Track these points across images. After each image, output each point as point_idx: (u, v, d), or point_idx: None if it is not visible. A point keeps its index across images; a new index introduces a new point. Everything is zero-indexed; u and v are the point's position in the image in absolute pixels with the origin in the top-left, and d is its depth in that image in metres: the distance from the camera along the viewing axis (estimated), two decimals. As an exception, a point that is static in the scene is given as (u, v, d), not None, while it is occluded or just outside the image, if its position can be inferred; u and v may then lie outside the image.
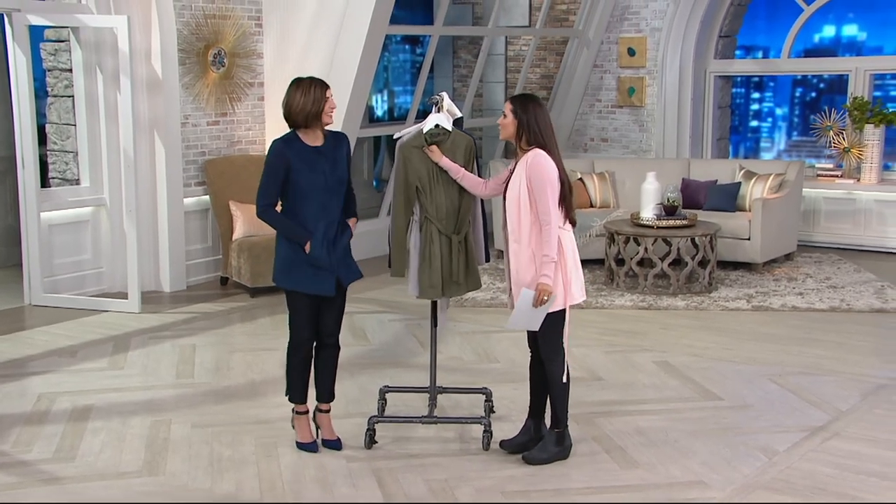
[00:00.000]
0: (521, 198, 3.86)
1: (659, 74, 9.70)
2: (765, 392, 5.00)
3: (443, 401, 4.77)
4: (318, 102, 3.95)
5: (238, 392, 5.02)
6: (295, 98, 3.97)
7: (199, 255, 7.60)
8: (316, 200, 3.99)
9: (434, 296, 4.19)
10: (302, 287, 4.03)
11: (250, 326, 6.36)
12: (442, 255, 4.15)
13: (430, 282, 4.17)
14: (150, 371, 5.37)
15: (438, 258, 4.14)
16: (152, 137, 7.15)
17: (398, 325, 6.39)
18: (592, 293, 7.18)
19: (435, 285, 4.17)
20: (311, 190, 3.98)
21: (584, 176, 8.50)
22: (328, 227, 4.03)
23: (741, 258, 7.89)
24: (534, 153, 3.84)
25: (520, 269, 3.90)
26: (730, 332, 6.18)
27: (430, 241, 4.14)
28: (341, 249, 4.09)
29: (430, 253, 4.14)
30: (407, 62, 12.47)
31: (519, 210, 3.87)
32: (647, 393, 5.02)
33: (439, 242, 4.15)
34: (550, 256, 3.81)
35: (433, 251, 4.14)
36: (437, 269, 4.15)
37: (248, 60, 7.81)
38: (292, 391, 4.21)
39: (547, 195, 3.78)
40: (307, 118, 3.97)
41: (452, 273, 4.16)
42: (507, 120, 3.92)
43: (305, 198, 3.99)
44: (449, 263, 4.15)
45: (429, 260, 4.15)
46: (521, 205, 3.86)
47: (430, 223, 4.15)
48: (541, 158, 3.81)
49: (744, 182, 8.26)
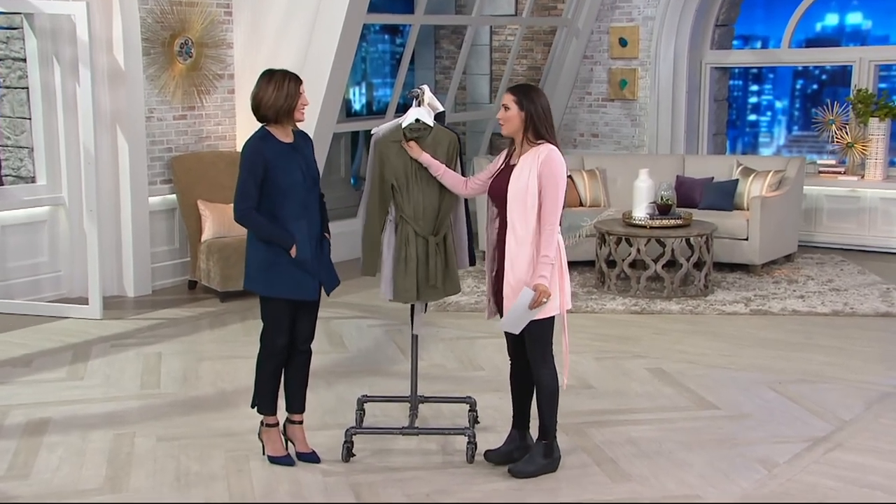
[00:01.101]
0: (528, 195, 3.82)
1: (652, 66, 9.75)
2: (764, 401, 5.04)
3: (424, 411, 4.78)
4: (290, 98, 3.96)
5: (207, 403, 5.01)
6: (267, 92, 3.97)
7: (165, 257, 7.57)
8: (297, 198, 4.01)
9: (409, 300, 4.20)
10: (284, 293, 4.03)
11: (220, 333, 6.34)
12: (418, 258, 4.15)
13: (404, 285, 4.18)
14: (112, 381, 5.35)
15: (414, 261, 4.15)
16: (114, 132, 7.12)
17: (377, 331, 6.39)
18: (582, 297, 7.21)
19: (409, 289, 4.17)
20: (291, 187, 3.99)
21: (573, 173, 8.53)
22: (311, 227, 4.04)
23: (739, 259, 7.94)
24: (547, 148, 3.84)
25: (516, 269, 3.88)
26: (727, 338, 6.22)
27: (405, 242, 4.15)
28: (324, 254, 4.11)
29: (405, 255, 4.15)
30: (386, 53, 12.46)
31: (525, 208, 3.83)
32: (639, 402, 5.04)
33: (415, 244, 4.15)
34: (550, 258, 3.81)
35: (409, 253, 4.15)
36: (413, 272, 4.16)
37: (217, 51, 7.78)
38: (262, 401, 4.20)
39: (558, 195, 3.79)
40: (278, 114, 3.98)
41: (429, 276, 4.16)
42: (512, 113, 3.86)
43: (286, 196, 3.99)
44: (426, 266, 4.16)
45: (404, 262, 4.15)
46: (527, 203, 3.82)
47: (405, 223, 4.15)
48: (556, 155, 3.83)
49: (741, 179, 8.32)
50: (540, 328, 3.94)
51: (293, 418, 4.27)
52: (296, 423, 4.27)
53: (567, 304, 3.97)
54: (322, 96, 7.51)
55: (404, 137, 4.15)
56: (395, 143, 4.15)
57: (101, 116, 6.98)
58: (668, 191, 7.47)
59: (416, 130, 4.16)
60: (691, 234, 7.25)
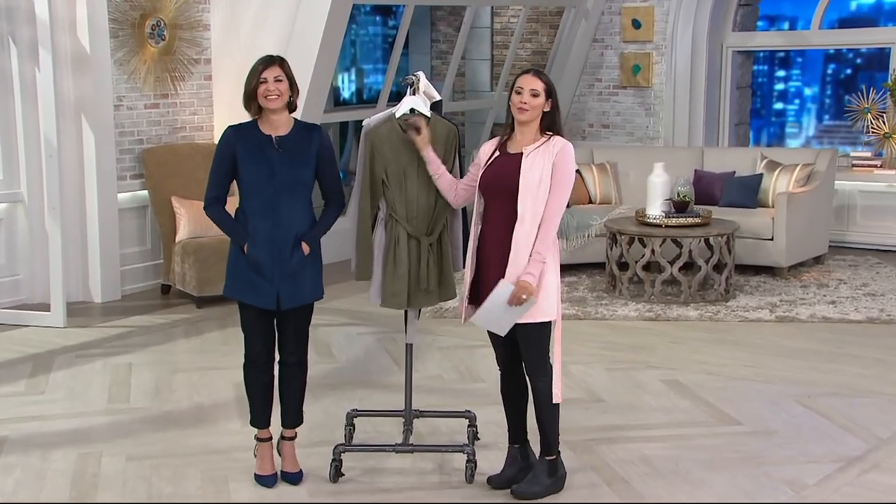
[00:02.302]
0: (541, 188, 3.84)
1: (668, 50, 9.78)
2: (791, 416, 5.06)
3: (419, 426, 4.80)
4: (249, 85, 4.00)
5: (182, 418, 5.02)
6: None
7: (135, 259, 7.59)
8: (260, 197, 4.02)
9: (398, 305, 4.22)
10: (241, 296, 4.10)
11: (196, 342, 6.36)
12: (410, 260, 4.17)
13: (393, 289, 4.20)
14: (76, 395, 5.36)
15: (405, 263, 4.17)
16: (79, 122, 7.13)
17: (368, 340, 6.40)
18: (592, 302, 7.23)
19: (399, 293, 4.19)
20: (253, 183, 4.02)
21: (581, 167, 8.55)
22: (277, 229, 4.03)
23: (763, 261, 7.97)
24: (562, 141, 3.90)
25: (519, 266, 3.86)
26: (750, 347, 6.25)
27: (395, 242, 4.17)
28: (295, 262, 4.07)
29: (395, 256, 4.17)
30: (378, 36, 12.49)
31: (535, 201, 3.84)
32: (654, 416, 5.06)
33: (407, 245, 4.16)
34: (543, 256, 3.85)
35: (399, 255, 4.16)
36: (403, 275, 4.17)
37: (192, 33, 7.80)
38: (252, 414, 4.26)
39: (566, 193, 3.85)
40: (246, 103, 4.03)
41: (420, 280, 4.18)
42: (540, 99, 3.90)
43: (249, 193, 4.05)
44: (417, 269, 4.17)
45: (393, 264, 4.17)
46: (539, 196, 3.84)
47: (396, 223, 4.17)
48: (570, 150, 3.90)
49: (766, 174, 8.35)
50: (537, 333, 3.97)
51: (284, 434, 4.31)
52: (286, 438, 4.30)
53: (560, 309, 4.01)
54: (308, 83, 7.53)
55: (400, 128, 4.16)
56: (388, 135, 4.17)
57: (64, 105, 6.99)
58: (686, 186, 7.50)
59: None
60: (711, 233, 7.27)
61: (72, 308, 6.93)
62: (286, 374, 4.25)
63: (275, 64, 4.02)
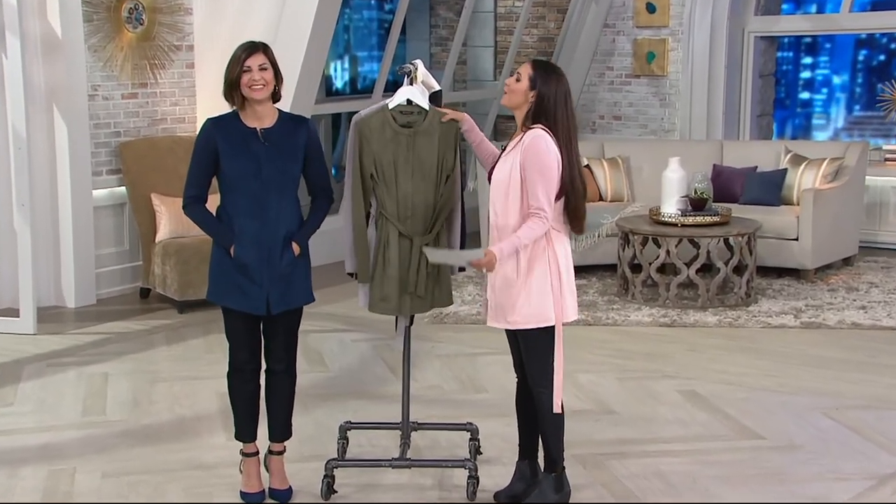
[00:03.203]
0: (510, 185, 3.92)
1: (685, 35, 9.79)
2: (818, 430, 5.06)
3: (418, 439, 4.81)
4: (231, 73, 4.00)
5: (162, 432, 5.03)
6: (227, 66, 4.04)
7: (112, 260, 7.60)
8: (245, 194, 4.03)
9: (388, 311, 4.23)
10: (227, 301, 4.09)
11: (178, 349, 6.37)
12: (400, 262, 4.18)
13: (381, 293, 4.21)
14: (48, 407, 5.36)
15: (395, 265, 4.17)
16: (50, 113, 7.14)
17: (363, 347, 6.41)
18: (603, 306, 7.24)
19: (387, 297, 4.20)
20: (238, 180, 4.02)
21: (591, 162, 8.57)
22: (265, 230, 4.04)
23: (787, 263, 7.98)
24: (534, 133, 3.89)
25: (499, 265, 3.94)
26: (773, 355, 6.26)
27: (385, 242, 4.18)
28: (285, 263, 4.09)
29: (384, 258, 4.18)
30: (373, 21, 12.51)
31: (507, 199, 3.92)
32: (669, 429, 5.07)
33: (398, 246, 4.17)
34: (522, 242, 3.86)
35: (388, 256, 4.17)
36: (393, 278, 4.18)
37: (172, 17, 7.82)
38: (236, 426, 4.27)
39: (541, 182, 3.84)
40: (227, 92, 4.03)
41: (410, 283, 4.18)
42: (521, 85, 3.93)
43: (233, 190, 4.05)
44: (407, 272, 4.18)
45: (382, 266, 4.18)
46: (509, 193, 3.92)
47: (386, 221, 4.18)
48: (540, 142, 3.87)
49: (791, 169, 8.36)
50: (535, 340, 3.99)
51: (272, 448, 4.32)
52: (274, 453, 4.31)
53: (568, 314, 4.00)
54: (298, 72, 7.54)
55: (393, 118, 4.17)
56: (380, 127, 4.16)
57: (34, 94, 7.00)
58: (704, 183, 7.51)
59: (407, 114, 4.18)
60: (730, 233, 7.28)
61: (43, 313, 6.94)
62: (274, 384, 4.26)
63: (259, 51, 4.02)
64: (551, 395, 4.02)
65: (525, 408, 4.20)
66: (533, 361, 4.02)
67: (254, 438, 4.27)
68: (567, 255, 4.01)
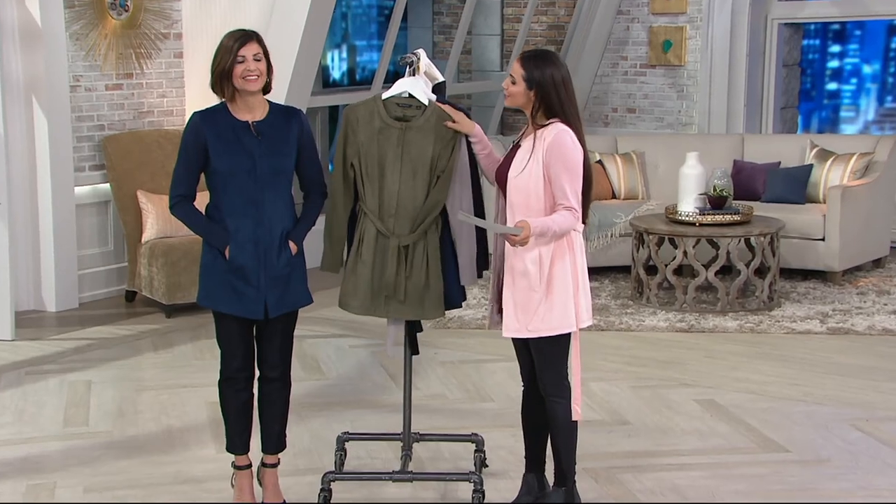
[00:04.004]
0: (531, 185, 3.93)
1: (704, 22, 9.80)
2: (846, 442, 5.07)
3: (420, 451, 4.82)
4: (224, 62, 3.99)
5: (149, 443, 5.05)
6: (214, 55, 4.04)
7: (95, 262, 7.62)
8: (239, 192, 4.04)
9: (354, 309, 4.26)
10: (221, 305, 4.10)
11: (166, 356, 6.39)
12: (374, 261, 4.19)
13: (345, 288, 4.25)
14: (27, 418, 5.38)
15: (368, 264, 4.19)
16: (30, 105, 7.16)
17: (362, 353, 6.43)
18: (616, 310, 7.25)
19: (350, 294, 4.23)
20: (231, 177, 4.03)
21: (604, 158, 8.59)
22: (259, 228, 4.06)
23: (813, 265, 7.99)
24: (555, 128, 3.93)
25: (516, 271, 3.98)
26: (797, 363, 6.27)
27: (360, 239, 4.21)
28: (282, 264, 4.11)
29: (357, 254, 4.21)
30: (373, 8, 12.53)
31: (528, 199, 3.94)
32: (687, 441, 5.08)
33: (374, 244, 4.18)
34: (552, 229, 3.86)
35: (362, 252, 4.20)
36: (363, 277, 4.19)
37: (160, 4, 7.84)
38: (228, 438, 4.28)
39: (568, 179, 3.87)
40: (216, 82, 4.02)
41: (385, 286, 4.18)
42: (518, 88, 3.98)
43: (225, 188, 4.05)
44: (381, 273, 4.19)
45: (354, 263, 4.22)
46: (531, 193, 3.94)
47: (365, 216, 4.21)
48: (566, 137, 3.91)
49: (817, 164, 8.37)
50: (550, 347, 4.01)
51: (265, 460, 4.33)
52: (268, 465, 4.32)
53: (583, 319, 4.02)
54: (293, 62, 7.56)
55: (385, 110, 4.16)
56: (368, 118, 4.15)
57: (12, 85, 7.03)
58: (723, 179, 7.52)
59: (404, 107, 4.19)
60: (752, 233, 7.29)
61: (21, 318, 6.96)
62: (268, 392, 4.27)
63: (252, 40, 4.03)
64: (565, 404, 4.04)
65: (532, 417, 4.22)
66: (548, 369, 4.04)
67: (246, 450, 4.28)
68: (583, 257, 4.05)
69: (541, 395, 4.11)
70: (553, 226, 3.87)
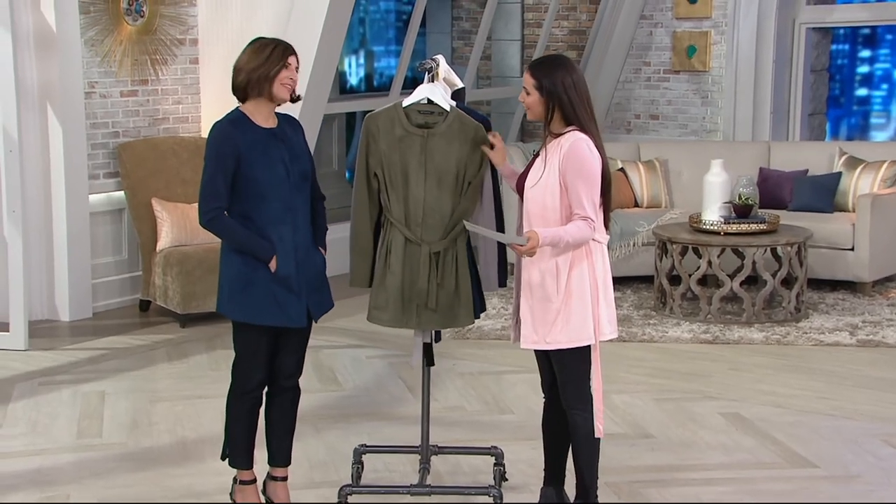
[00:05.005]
0: (548, 195, 3.94)
1: (730, 27, 9.79)
2: (877, 458, 5.04)
3: (438, 464, 4.83)
4: (269, 65, 4.01)
5: (163, 455, 5.06)
6: (243, 57, 4.05)
7: (110, 271, 7.65)
8: (278, 200, 4.07)
9: (383, 321, 4.26)
10: (261, 318, 4.08)
11: (180, 367, 6.41)
12: (403, 270, 4.20)
13: (377, 302, 4.24)
14: (40, 429, 5.40)
15: (397, 273, 4.19)
16: (44, 112, 7.21)
17: (379, 364, 6.44)
18: (638, 321, 7.24)
19: (382, 307, 4.23)
20: (271, 186, 4.04)
21: (626, 165, 8.58)
22: (297, 234, 4.10)
23: (842, 275, 7.96)
24: (571, 137, 3.93)
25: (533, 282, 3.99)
26: (826, 375, 6.24)
27: (388, 249, 4.21)
28: (314, 270, 4.16)
29: (386, 264, 4.21)
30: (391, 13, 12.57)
31: (544, 209, 3.95)
32: (712, 456, 5.07)
33: (402, 252, 4.19)
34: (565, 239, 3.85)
35: (390, 262, 4.20)
36: (393, 288, 4.20)
37: (176, 9, 7.88)
38: (234, 452, 4.27)
39: (584, 186, 3.87)
40: (249, 84, 4.02)
41: (418, 295, 4.18)
42: (532, 99, 3.98)
43: (264, 196, 4.06)
44: (412, 282, 4.19)
45: (383, 274, 4.22)
46: (546, 203, 3.95)
47: (391, 226, 4.22)
48: (582, 145, 3.91)
49: (846, 172, 8.34)
50: (571, 359, 4.01)
51: (275, 473, 4.33)
52: (278, 479, 4.33)
53: (605, 332, 4.02)
54: (310, 68, 7.58)
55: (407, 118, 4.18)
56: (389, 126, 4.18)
57: (27, 92, 7.06)
58: (749, 187, 7.50)
59: (425, 113, 4.21)
60: (779, 242, 7.27)
61: (35, 328, 6.99)
62: (280, 403, 4.29)
63: (294, 53, 4.09)
64: (588, 417, 4.04)
65: (553, 430, 4.22)
66: (569, 382, 4.04)
67: (252, 465, 4.29)
68: (606, 268, 4.04)
69: (562, 408, 4.12)
70: (566, 236, 3.87)
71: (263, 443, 4.38)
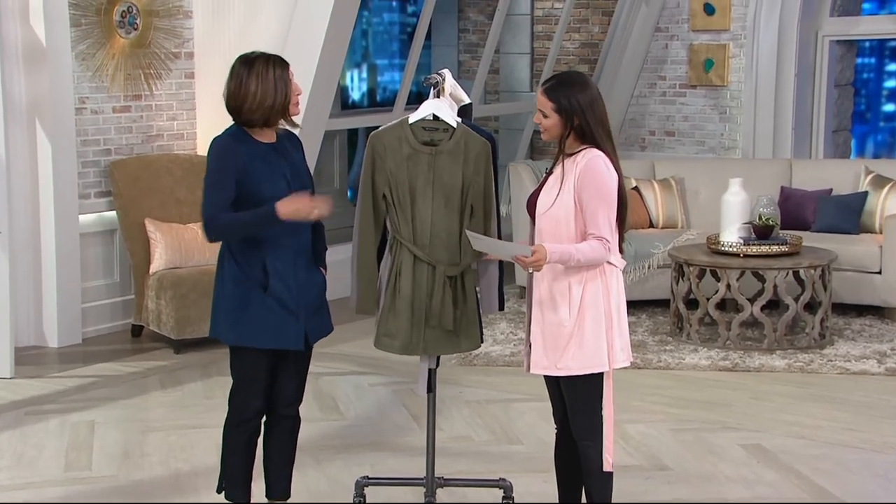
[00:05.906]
0: (560, 214, 3.95)
1: (749, 40, 9.81)
2: (905, 491, 5.04)
3: (444, 497, 4.81)
4: (283, 92, 4.03)
5: (156, 488, 5.06)
6: (250, 87, 4.01)
7: (100, 294, 7.67)
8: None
9: (392, 348, 4.27)
10: (257, 340, 4.09)
11: (174, 395, 6.41)
12: (414, 291, 4.20)
13: (386, 328, 4.24)
14: (26, 461, 5.39)
15: (407, 295, 4.20)
16: (32, 128, 7.23)
17: (381, 391, 6.44)
18: (654, 347, 7.23)
19: (393, 333, 4.24)
20: (273, 202, 4.05)
21: (640, 184, 8.59)
22: (298, 254, 4.12)
23: (868, 300, 7.95)
24: (588, 154, 3.95)
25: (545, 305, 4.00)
26: (852, 405, 6.23)
27: (398, 271, 4.22)
28: (314, 290, 4.17)
29: (395, 287, 4.21)
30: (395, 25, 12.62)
31: (558, 228, 3.96)
32: (731, 490, 5.05)
33: (412, 273, 4.20)
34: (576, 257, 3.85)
35: (400, 285, 4.21)
36: (404, 311, 4.21)
37: (170, 22, 7.92)
38: (230, 485, 4.27)
39: (601, 205, 3.89)
40: (269, 116, 4.04)
41: (432, 317, 4.20)
42: (551, 121, 3.98)
43: None
44: (427, 304, 4.20)
45: (392, 297, 4.22)
46: (560, 221, 3.96)
47: (401, 246, 4.23)
48: (599, 162, 3.93)
49: (872, 192, 8.34)
50: (582, 386, 4.01)
51: (273, 506, 4.35)
52: (276, 512, 4.34)
53: (618, 359, 4.02)
54: (310, 83, 7.60)
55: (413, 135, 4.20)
56: (397, 145, 4.20)
57: (14, 107, 7.09)
58: (770, 207, 7.50)
59: (431, 130, 4.22)
60: (801, 265, 7.27)
61: (21, 354, 6.99)
62: (279, 432, 4.30)
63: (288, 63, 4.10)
64: (599, 449, 4.04)
65: (565, 462, 4.22)
66: (580, 411, 4.04)
67: (250, 498, 4.28)
68: (620, 293, 4.04)
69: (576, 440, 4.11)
70: (577, 254, 3.88)
71: (261, 475, 4.39)
